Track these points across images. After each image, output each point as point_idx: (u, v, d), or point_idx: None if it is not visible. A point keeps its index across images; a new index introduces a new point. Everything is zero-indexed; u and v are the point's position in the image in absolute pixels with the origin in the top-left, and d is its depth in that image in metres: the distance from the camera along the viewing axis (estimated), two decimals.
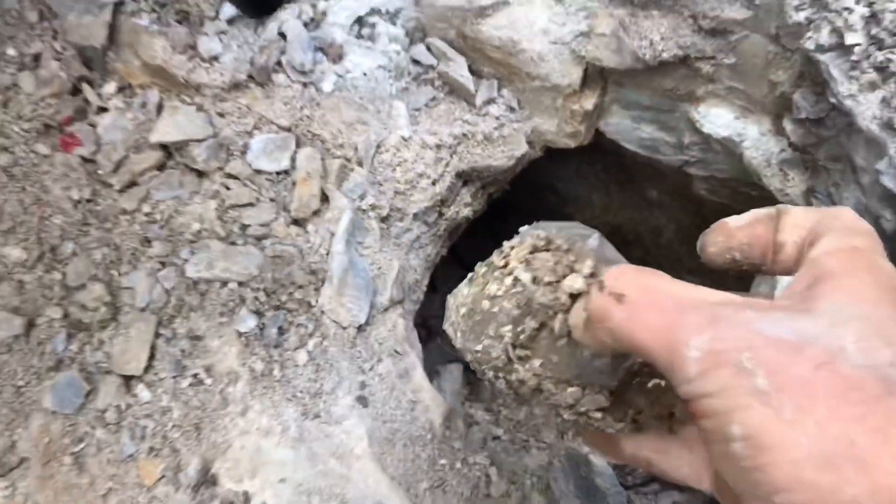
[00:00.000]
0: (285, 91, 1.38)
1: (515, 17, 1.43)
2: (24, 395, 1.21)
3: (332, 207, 1.35)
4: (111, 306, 1.24)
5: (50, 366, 1.22)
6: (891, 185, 1.17)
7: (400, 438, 1.30)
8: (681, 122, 1.52)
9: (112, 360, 1.22)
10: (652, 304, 0.34)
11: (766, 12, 1.26)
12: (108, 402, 1.20)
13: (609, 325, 0.36)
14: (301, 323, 1.30)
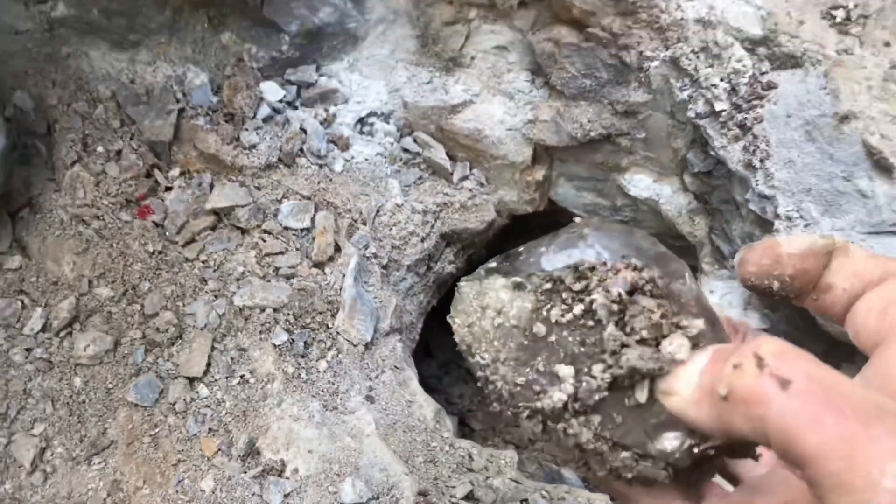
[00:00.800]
0: (306, 170, 2.03)
1: (479, 112, 2.11)
2: (112, 394, 1.76)
3: (343, 254, 1.96)
4: (178, 328, 1.82)
5: (132, 372, 1.78)
6: (756, 209, 1.79)
7: (400, 426, 1.83)
8: (613, 188, 2.17)
9: (179, 366, 1.79)
10: (827, 402, 0.31)
11: (660, 94, 1.93)
12: (176, 397, 1.75)
13: (762, 413, 0.32)
14: (321, 339, 1.87)
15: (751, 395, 0.33)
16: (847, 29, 1.73)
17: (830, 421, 0.30)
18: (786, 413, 0.31)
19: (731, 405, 0.34)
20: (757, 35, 1.75)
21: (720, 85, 1.79)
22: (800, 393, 0.31)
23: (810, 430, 0.31)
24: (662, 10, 1.79)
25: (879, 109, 1.65)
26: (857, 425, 0.30)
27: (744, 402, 0.33)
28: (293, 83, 2.05)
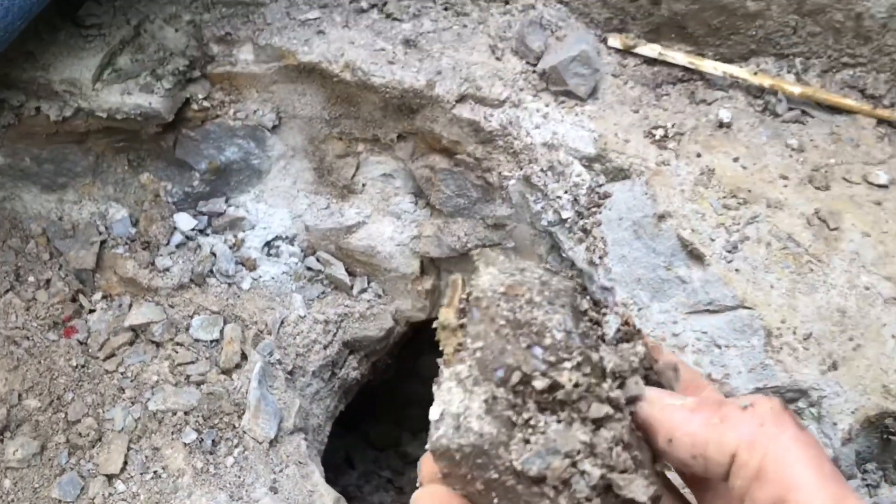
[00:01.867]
0: (216, 289, 2.62)
1: (371, 231, 2.73)
2: (38, 492, 2.26)
3: (249, 362, 2.51)
4: (98, 431, 2.35)
5: (56, 473, 2.29)
6: (601, 298, 2.39)
7: None
8: None
9: (99, 466, 2.30)
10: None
11: (520, 208, 2.56)
12: (96, 492, 2.26)
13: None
14: (228, 437, 2.40)
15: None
16: (665, 144, 2.39)
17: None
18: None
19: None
20: (591, 153, 2.40)
21: (564, 197, 2.43)
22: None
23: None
24: (515, 136, 2.45)
25: (690, 209, 2.29)
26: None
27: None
28: (204, 213, 2.67)
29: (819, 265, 2.12)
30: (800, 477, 0.46)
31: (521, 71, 2.45)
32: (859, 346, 2.06)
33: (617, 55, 2.47)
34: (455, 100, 2.38)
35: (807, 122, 2.35)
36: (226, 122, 2.52)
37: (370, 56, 2.38)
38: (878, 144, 2.32)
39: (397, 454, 3.31)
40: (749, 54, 2.47)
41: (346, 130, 2.55)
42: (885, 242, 2.15)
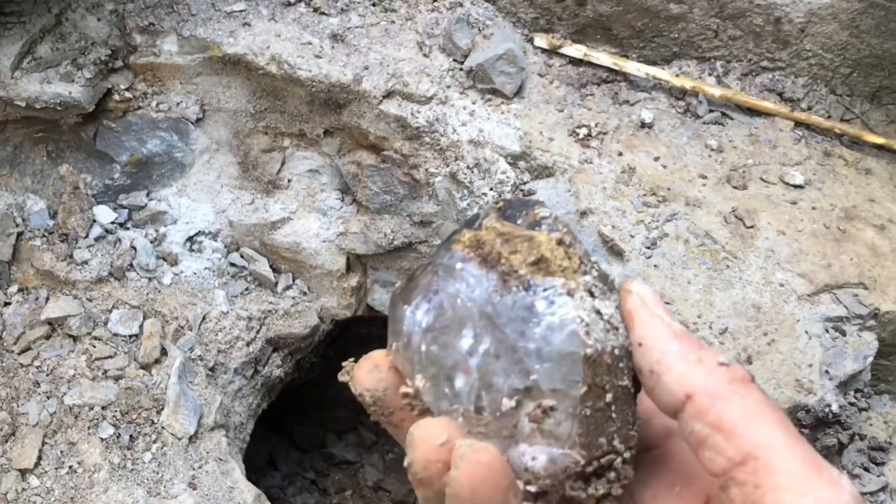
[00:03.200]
0: (136, 283, 2.66)
1: (297, 228, 2.80)
2: None
3: (169, 357, 2.56)
4: (11, 426, 2.38)
5: None
6: None
7: None
8: None
9: (12, 461, 2.33)
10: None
11: (447, 205, 2.66)
12: (9, 487, 2.29)
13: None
14: (147, 433, 2.44)
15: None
16: (588, 143, 2.51)
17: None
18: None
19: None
20: (517, 151, 2.50)
21: (489, 194, 2.53)
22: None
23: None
24: (442, 133, 2.54)
25: (612, 206, 2.41)
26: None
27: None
28: (125, 207, 2.71)
29: (735, 262, 2.25)
30: (769, 435, 0.48)
31: (448, 68, 2.55)
32: (773, 340, 2.20)
33: (543, 55, 2.59)
34: (382, 95, 2.47)
35: (726, 124, 2.49)
36: (148, 114, 2.57)
37: (297, 49, 2.46)
38: (794, 146, 2.47)
39: (322, 455, 3.38)
40: (672, 57, 2.60)
41: (272, 125, 2.62)
42: (800, 241, 2.29)
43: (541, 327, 0.54)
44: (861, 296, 2.26)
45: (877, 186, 2.44)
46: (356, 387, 0.60)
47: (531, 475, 0.53)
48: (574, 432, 0.53)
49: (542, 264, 0.56)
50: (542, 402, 0.53)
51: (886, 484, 2.28)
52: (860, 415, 2.31)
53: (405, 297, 0.60)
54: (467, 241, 0.59)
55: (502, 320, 0.55)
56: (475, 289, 0.56)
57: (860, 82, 2.59)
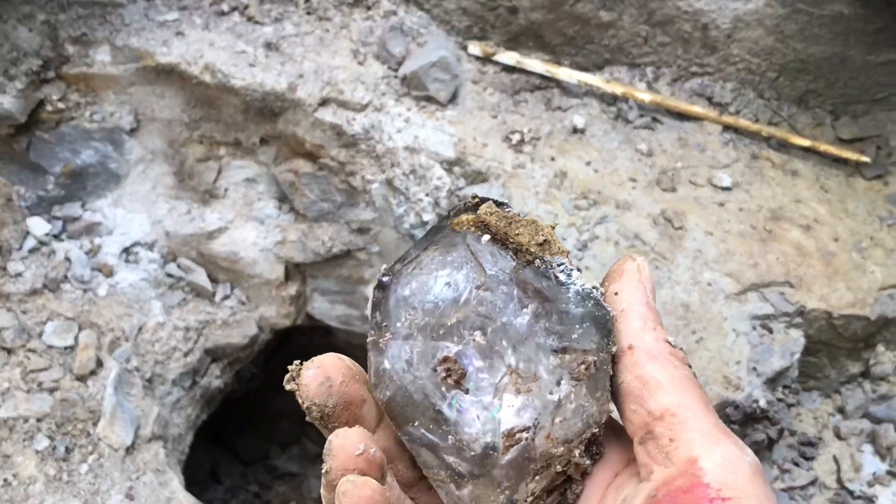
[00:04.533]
0: (70, 295, 2.73)
1: (234, 237, 2.89)
2: None
3: (105, 368, 2.63)
4: None
5: None
6: None
7: None
8: (360, 299, 2.96)
9: None
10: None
11: (384, 212, 2.76)
12: None
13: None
14: (82, 445, 2.51)
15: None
16: (521, 149, 2.63)
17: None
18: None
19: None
20: (451, 157, 2.61)
21: (425, 199, 2.64)
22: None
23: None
24: (378, 140, 2.65)
25: (544, 209, 2.52)
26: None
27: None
28: (59, 218, 2.78)
29: (664, 262, 2.37)
30: (689, 400, 0.55)
31: (382, 76, 2.65)
32: (702, 338, 2.32)
33: (477, 62, 2.70)
34: (317, 103, 2.57)
35: (656, 129, 2.61)
36: (81, 125, 2.65)
37: (231, 58, 2.55)
38: (723, 149, 2.61)
39: (265, 468, 3.44)
40: (603, 63, 2.73)
41: (207, 134, 2.71)
42: (727, 241, 2.42)
43: (571, 293, 0.59)
44: (787, 294, 2.39)
45: (803, 187, 2.58)
46: (304, 399, 0.60)
47: (552, 440, 0.58)
48: (606, 389, 0.58)
49: (547, 245, 0.61)
50: (587, 358, 0.58)
51: (816, 478, 2.40)
52: (789, 411, 2.44)
53: (409, 275, 0.62)
54: (472, 222, 0.63)
55: (537, 286, 0.59)
56: (499, 260, 0.60)
57: (787, 86, 2.73)
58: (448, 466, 0.60)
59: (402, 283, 0.63)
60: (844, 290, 2.40)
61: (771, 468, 2.41)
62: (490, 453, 0.59)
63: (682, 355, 0.59)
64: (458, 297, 0.61)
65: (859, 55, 2.64)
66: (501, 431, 0.59)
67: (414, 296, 0.62)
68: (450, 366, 0.60)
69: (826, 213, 2.52)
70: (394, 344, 0.62)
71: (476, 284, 0.61)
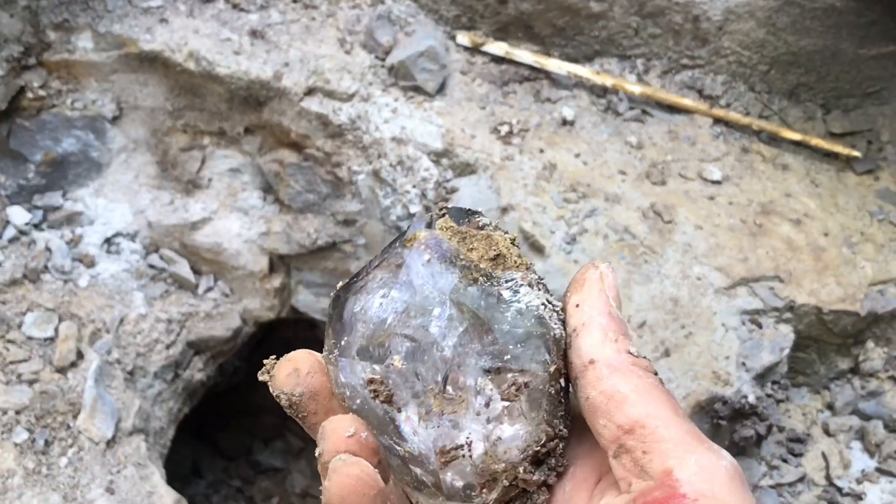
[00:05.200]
0: (51, 285, 2.72)
1: (218, 228, 2.88)
2: None
3: (85, 360, 2.62)
4: None
5: None
6: None
7: None
8: None
9: None
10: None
11: (370, 203, 2.75)
12: None
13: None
14: (62, 437, 2.50)
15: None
16: (510, 140, 2.62)
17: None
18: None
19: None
20: (439, 149, 2.61)
21: (412, 191, 2.63)
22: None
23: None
24: (364, 131, 2.64)
25: (532, 202, 2.52)
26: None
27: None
28: (39, 207, 2.76)
29: (653, 256, 2.38)
30: (657, 409, 0.54)
31: (369, 65, 2.65)
32: (691, 333, 2.32)
33: (465, 52, 2.70)
34: (303, 93, 2.56)
35: (646, 121, 2.62)
36: (63, 112, 2.64)
37: (215, 46, 2.54)
38: (713, 142, 2.61)
39: (248, 463, 3.44)
40: (593, 55, 2.73)
41: (191, 123, 2.70)
42: (717, 235, 2.43)
43: (511, 312, 0.59)
44: (777, 289, 2.39)
45: (793, 182, 2.58)
46: (274, 388, 0.63)
47: (491, 457, 0.58)
48: (543, 409, 0.58)
49: (500, 260, 0.61)
50: (517, 379, 0.57)
51: (804, 475, 2.42)
52: (778, 406, 2.45)
53: (358, 291, 0.63)
54: (423, 239, 0.62)
55: (473, 305, 0.59)
56: (439, 280, 0.60)
57: (778, 79, 2.74)
58: (413, 475, 0.61)
59: (349, 301, 0.64)
60: (834, 285, 2.41)
61: (759, 464, 2.42)
62: (439, 477, 0.60)
63: (645, 364, 0.58)
64: (386, 319, 0.61)
65: (851, 48, 2.65)
66: (434, 448, 0.60)
67: (358, 314, 0.63)
68: (376, 387, 0.61)
69: (816, 207, 2.53)
70: (343, 361, 0.63)
71: (404, 307, 0.61)
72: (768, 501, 2.36)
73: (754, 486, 2.37)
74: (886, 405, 2.49)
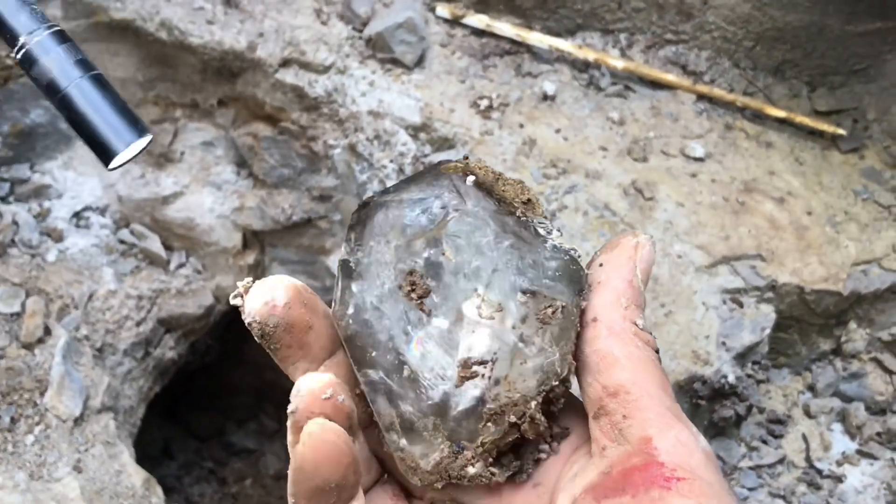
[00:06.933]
0: (17, 260, 2.71)
1: (190, 203, 2.88)
2: None
3: (53, 336, 2.62)
4: None
5: None
6: None
7: (107, 493, 2.46)
8: (321, 269, 2.96)
9: None
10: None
11: (346, 178, 2.76)
12: None
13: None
14: (28, 415, 2.50)
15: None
16: (489, 115, 2.63)
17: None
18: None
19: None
20: (417, 122, 2.61)
21: (389, 166, 2.64)
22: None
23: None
24: (340, 104, 2.64)
25: (511, 177, 2.53)
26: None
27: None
28: (6, 180, 2.75)
29: None
30: (644, 380, 0.55)
31: (346, 37, 2.65)
32: (671, 312, 2.34)
33: (445, 25, 2.70)
34: (278, 64, 2.56)
35: (629, 97, 2.63)
36: (31, 83, 2.62)
37: (188, 15, 2.53)
38: (696, 119, 2.63)
39: (220, 444, 3.45)
40: (576, 28, 2.74)
41: (163, 94, 2.69)
42: (699, 213, 2.45)
43: (548, 245, 0.60)
44: (759, 268, 2.42)
45: (777, 160, 2.60)
46: (246, 315, 0.59)
47: (509, 383, 0.58)
48: (571, 341, 0.58)
49: (530, 205, 0.62)
50: (555, 303, 0.58)
51: (784, 456, 2.44)
52: (759, 387, 2.47)
53: (389, 203, 0.62)
54: (460, 168, 0.63)
55: (516, 230, 0.60)
56: (481, 200, 0.61)
57: (763, 55, 2.75)
58: (401, 415, 0.60)
59: (383, 207, 0.63)
60: (817, 264, 2.43)
61: (738, 445, 2.44)
62: (446, 401, 0.59)
63: (647, 337, 0.58)
64: (435, 219, 0.61)
65: (837, 24, 2.66)
66: (458, 359, 0.59)
67: (393, 221, 0.62)
68: (415, 280, 0.60)
69: (800, 185, 2.55)
70: (365, 269, 0.62)
71: (455, 208, 0.61)
72: (747, 483, 2.39)
73: (733, 468, 2.39)
74: (868, 387, 2.52)
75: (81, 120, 0.70)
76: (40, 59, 0.69)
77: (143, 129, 0.69)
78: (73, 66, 0.70)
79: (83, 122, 0.70)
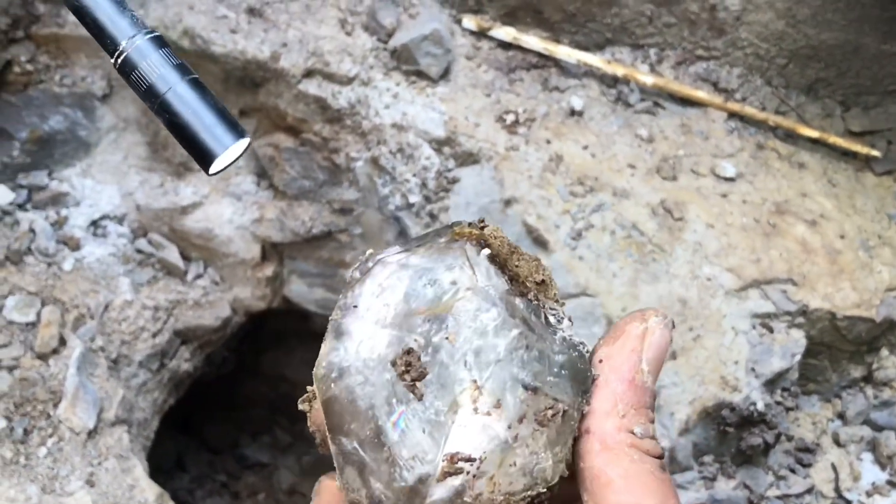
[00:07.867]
0: (34, 268, 2.70)
1: (209, 213, 2.86)
2: None
3: (68, 347, 2.61)
4: None
5: None
6: None
7: None
8: (341, 283, 2.94)
9: None
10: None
11: (368, 192, 2.73)
12: None
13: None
14: (42, 427, 2.48)
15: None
16: (516, 130, 2.60)
17: None
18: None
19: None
20: (441, 136, 2.59)
21: (412, 180, 2.62)
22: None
23: None
24: (363, 116, 2.62)
25: (537, 195, 2.50)
26: None
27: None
28: (24, 187, 2.74)
29: (662, 255, 2.36)
30: (646, 499, 0.52)
31: (371, 48, 2.63)
32: (699, 336, 2.31)
33: (471, 37, 2.68)
34: (301, 74, 2.54)
35: (658, 113, 2.60)
36: (51, 89, 2.62)
37: (211, 23, 2.52)
38: (727, 137, 2.59)
39: (234, 457, 3.43)
40: (605, 43, 2.71)
41: None
42: (729, 234, 2.41)
43: (558, 337, 0.56)
44: (790, 292, 2.38)
45: (810, 181, 2.57)
46: (312, 423, 0.60)
47: (494, 484, 0.55)
48: (567, 447, 0.55)
49: (544, 287, 0.57)
50: (556, 405, 0.55)
51: (813, 486, 2.40)
52: (788, 415, 2.43)
53: (393, 263, 0.59)
54: (474, 235, 0.58)
55: (526, 315, 0.56)
56: (493, 277, 0.56)
57: (796, 74, 2.72)
58: (371, 494, 0.57)
59: (386, 269, 0.58)
60: (849, 289, 2.39)
61: (766, 474, 2.40)
62: (420, 487, 0.55)
63: (647, 446, 0.54)
64: (442, 295, 0.56)
65: (873, 44, 2.63)
66: (445, 452, 0.55)
67: (395, 286, 0.58)
68: (411, 360, 0.56)
69: (833, 208, 2.51)
70: (357, 331, 0.57)
71: (465, 286, 0.56)
72: None
73: (760, 497, 2.36)
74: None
75: (181, 124, 0.69)
76: (139, 65, 0.68)
77: (241, 132, 0.68)
78: (171, 70, 0.70)
79: (182, 127, 0.69)
